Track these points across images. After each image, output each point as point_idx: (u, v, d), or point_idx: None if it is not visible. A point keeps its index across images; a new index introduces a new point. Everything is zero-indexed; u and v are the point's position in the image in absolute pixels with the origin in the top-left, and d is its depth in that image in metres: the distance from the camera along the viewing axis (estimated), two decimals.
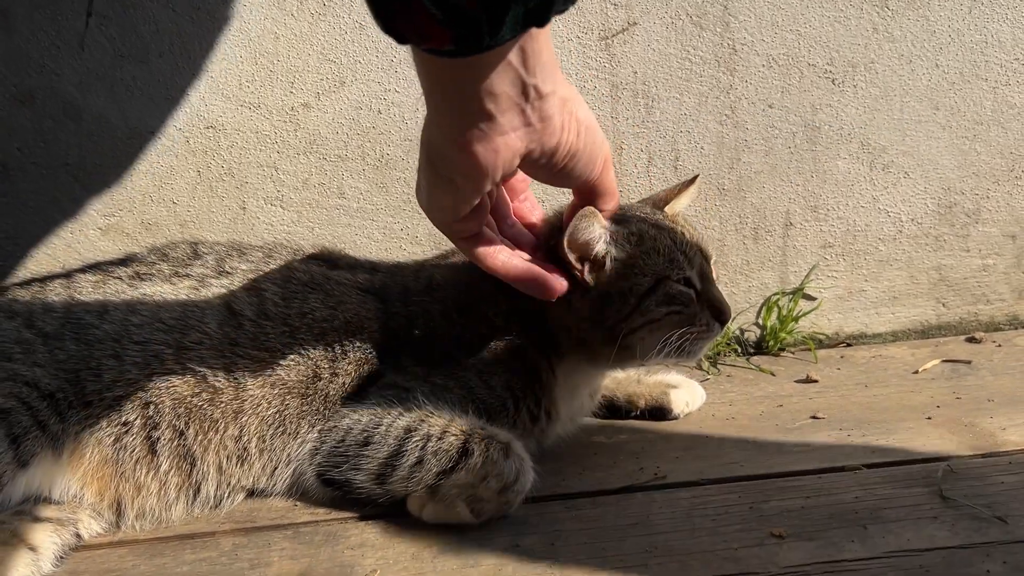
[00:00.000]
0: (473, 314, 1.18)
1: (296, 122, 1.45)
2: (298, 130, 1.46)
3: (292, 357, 1.13)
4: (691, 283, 1.14)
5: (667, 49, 1.50)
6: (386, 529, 1.04)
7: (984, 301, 1.64)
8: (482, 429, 1.05)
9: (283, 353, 1.13)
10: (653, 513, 1.05)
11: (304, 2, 1.42)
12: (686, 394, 1.33)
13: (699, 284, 1.15)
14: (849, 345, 1.62)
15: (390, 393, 1.13)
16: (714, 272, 1.21)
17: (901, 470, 1.11)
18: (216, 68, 1.42)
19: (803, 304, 1.60)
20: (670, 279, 1.13)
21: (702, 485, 1.11)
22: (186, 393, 1.09)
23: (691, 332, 1.12)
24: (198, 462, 1.09)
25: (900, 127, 1.56)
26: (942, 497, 1.04)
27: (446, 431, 1.04)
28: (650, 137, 1.53)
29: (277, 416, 1.11)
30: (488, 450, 1.02)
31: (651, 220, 1.17)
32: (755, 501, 1.06)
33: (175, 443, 1.08)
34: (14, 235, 1.43)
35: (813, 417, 1.30)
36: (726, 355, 1.57)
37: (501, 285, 1.17)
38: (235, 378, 1.10)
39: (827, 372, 1.49)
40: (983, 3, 1.52)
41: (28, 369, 1.07)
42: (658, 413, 1.32)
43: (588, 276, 1.11)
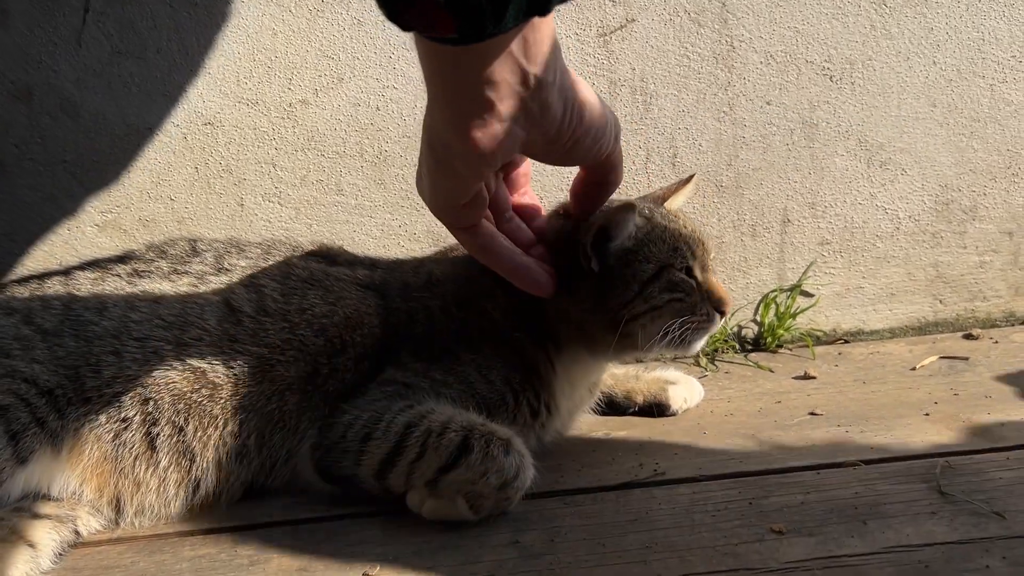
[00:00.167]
0: (472, 309, 1.19)
1: (294, 118, 1.45)
2: (296, 127, 1.46)
3: (291, 353, 1.13)
4: (692, 273, 1.16)
5: (665, 46, 1.50)
6: (386, 525, 1.04)
7: (981, 298, 1.65)
8: (482, 425, 1.05)
9: (282, 349, 1.13)
10: (653, 509, 1.05)
11: None
12: (684, 390, 1.34)
13: (700, 275, 1.17)
14: (847, 342, 1.62)
15: (390, 389, 1.13)
16: (714, 266, 1.22)
17: (900, 466, 1.11)
18: (214, 64, 1.42)
19: (801, 301, 1.61)
20: (673, 267, 1.14)
21: (701, 481, 1.11)
22: (185, 389, 1.09)
23: (692, 321, 1.14)
24: (197, 458, 1.09)
25: (898, 124, 1.56)
26: (941, 493, 1.04)
27: (446, 427, 1.04)
28: (648, 134, 1.53)
29: (277, 412, 1.11)
30: (488, 446, 1.02)
31: (655, 211, 1.19)
32: (754, 497, 1.06)
33: (174, 439, 1.08)
34: (11, 232, 1.43)
35: (811, 413, 1.30)
36: (724, 352, 1.57)
37: (500, 280, 1.17)
38: (234, 374, 1.10)
39: (825, 369, 1.49)
40: (980, 0, 1.52)
41: (27, 365, 1.07)
42: (657, 409, 1.33)
43: (595, 264, 1.12)
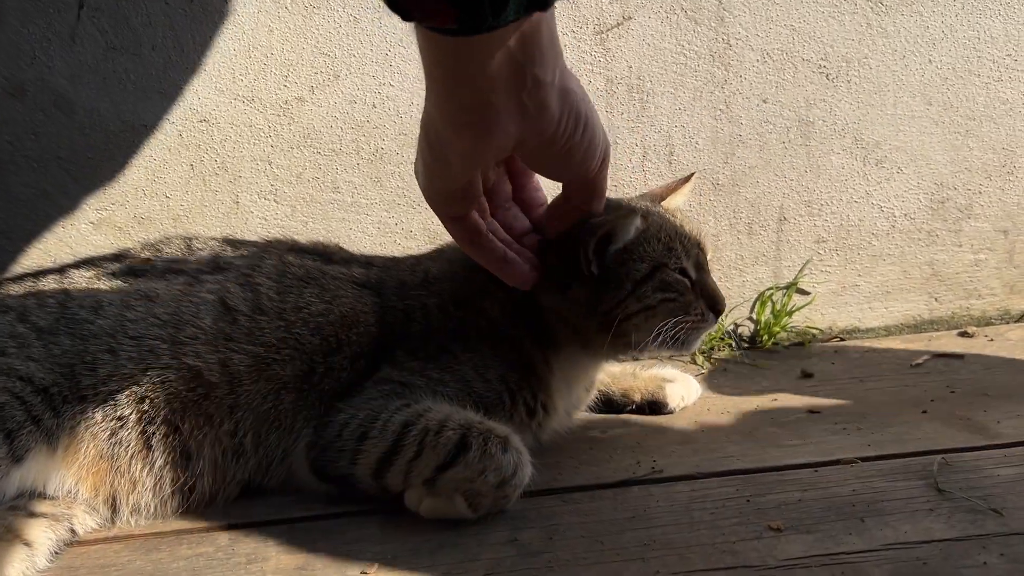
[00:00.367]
0: (470, 307, 1.18)
1: (290, 116, 1.45)
2: (292, 124, 1.45)
3: (287, 352, 1.12)
4: (687, 273, 1.15)
5: (662, 44, 1.50)
6: (384, 524, 1.04)
7: (976, 296, 1.65)
8: (480, 423, 1.05)
9: (278, 348, 1.12)
10: (651, 507, 1.05)
11: None
12: (681, 388, 1.33)
13: (695, 274, 1.16)
14: (842, 340, 1.63)
15: (386, 388, 1.13)
16: (709, 264, 1.21)
17: (897, 463, 1.12)
18: (209, 61, 1.41)
19: (797, 299, 1.61)
20: (667, 267, 1.13)
21: (699, 479, 1.11)
22: (181, 388, 1.08)
23: (686, 321, 1.13)
24: (193, 457, 1.08)
25: (893, 122, 1.57)
26: (938, 490, 1.04)
27: (444, 425, 1.04)
28: (644, 132, 1.53)
29: (272, 411, 1.11)
30: (486, 444, 1.02)
31: (652, 210, 1.19)
32: (752, 494, 1.06)
33: (170, 438, 1.07)
34: (5, 230, 1.42)
35: (809, 411, 1.30)
36: (720, 349, 1.57)
37: (497, 278, 1.18)
38: (230, 373, 1.10)
39: (821, 366, 1.49)
40: None
41: (22, 363, 1.06)
42: (654, 407, 1.32)
43: (594, 267, 1.11)
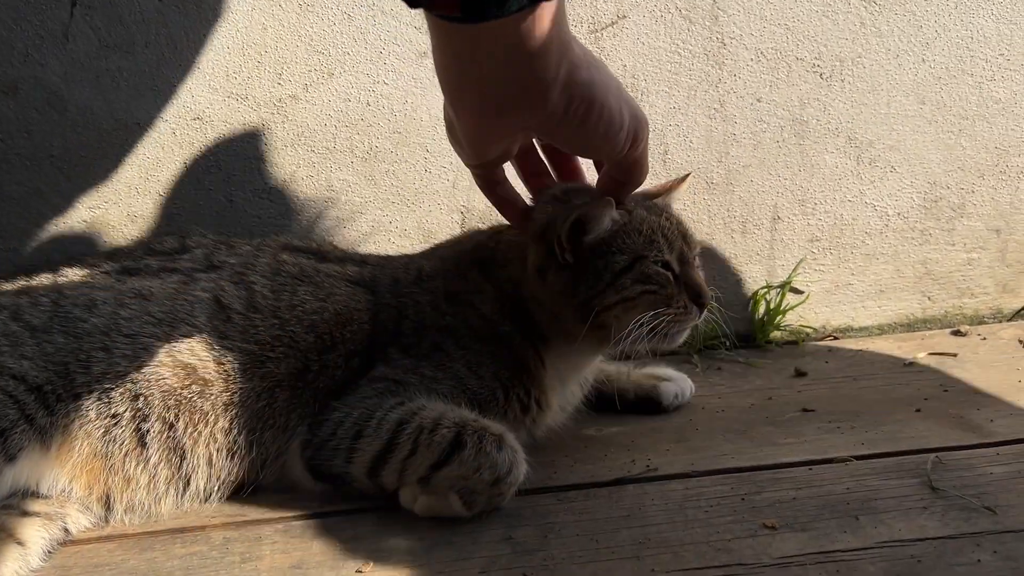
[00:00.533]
0: (462, 304, 1.18)
1: (284, 114, 1.44)
2: (286, 122, 1.45)
3: (281, 350, 1.12)
4: (670, 266, 1.14)
5: (656, 43, 1.50)
6: (379, 522, 1.04)
7: (969, 295, 1.66)
8: (475, 421, 1.05)
9: (272, 346, 1.12)
10: (646, 505, 1.05)
11: None
12: (676, 387, 1.34)
13: (678, 268, 1.14)
14: (836, 338, 1.63)
15: (380, 386, 1.13)
16: (698, 261, 1.20)
17: (891, 461, 1.12)
18: (203, 59, 1.41)
19: (791, 298, 1.61)
20: (647, 259, 1.12)
21: (694, 477, 1.11)
22: (175, 386, 1.08)
23: (667, 313, 1.11)
24: (188, 455, 1.08)
25: (887, 122, 1.57)
26: (932, 488, 1.05)
27: (438, 423, 1.04)
28: None
29: (267, 409, 1.10)
30: (481, 442, 1.02)
31: (639, 204, 1.17)
32: (747, 492, 1.07)
33: (165, 436, 1.07)
34: None
35: (803, 409, 1.31)
36: (715, 348, 1.57)
37: (489, 276, 1.19)
38: (224, 371, 1.09)
39: (815, 365, 1.49)
40: None
41: (15, 362, 1.05)
42: (648, 406, 1.32)
43: (568, 255, 1.11)
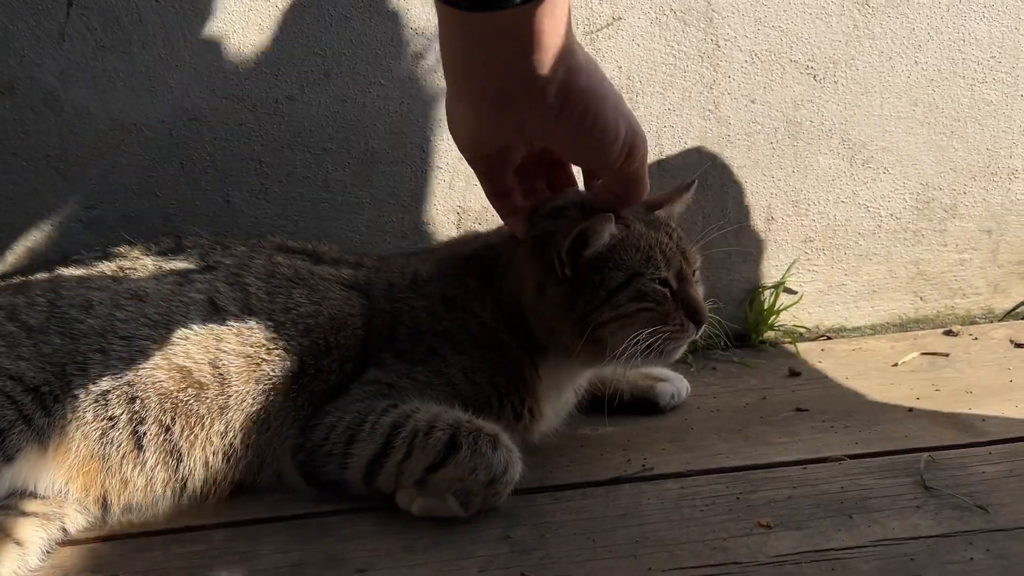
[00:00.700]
0: (459, 309, 1.18)
1: (281, 114, 1.44)
2: (283, 123, 1.45)
3: (277, 353, 1.12)
4: (667, 283, 1.13)
5: (651, 44, 1.51)
6: (378, 521, 1.04)
7: (961, 295, 1.67)
8: (469, 422, 1.05)
9: (268, 349, 1.12)
10: (642, 504, 1.06)
11: None
12: (672, 387, 1.34)
13: (676, 285, 1.14)
14: (829, 338, 1.64)
15: (372, 389, 1.13)
16: (697, 275, 1.20)
17: (884, 461, 1.13)
18: (200, 60, 1.41)
19: (784, 298, 1.62)
20: (644, 276, 1.11)
21: (689, 476, 1.12)
22: (172, 388, 1.08)
23: (663, 331, 1.10)
24: (184, 457, 1.08)
25: (880, 123, 1.58)
26: (925, 487, 1.06)
27: (433, 426, 1.04)
28: None
29: (262, 412, 1.10)
30: (476, 443, 1.02)
31: (638, 218, 1.17)
32: (742, 491, 1.08)
33: (161, 438, 1.07)
34: None
35: (797, 409, 1.32)
36: (709, 348, 1.58)
37: (488, 282, 1.19)
38: (220, 373, 1.10)
39: (809, 365, 1.51)
40: (961, 2, 1.54)
41: (12, 363, 1.05)
42: (644, 406, 1.33)
43: (568, 270, 1.11)
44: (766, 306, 1.60)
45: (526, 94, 0.87)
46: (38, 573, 0.97)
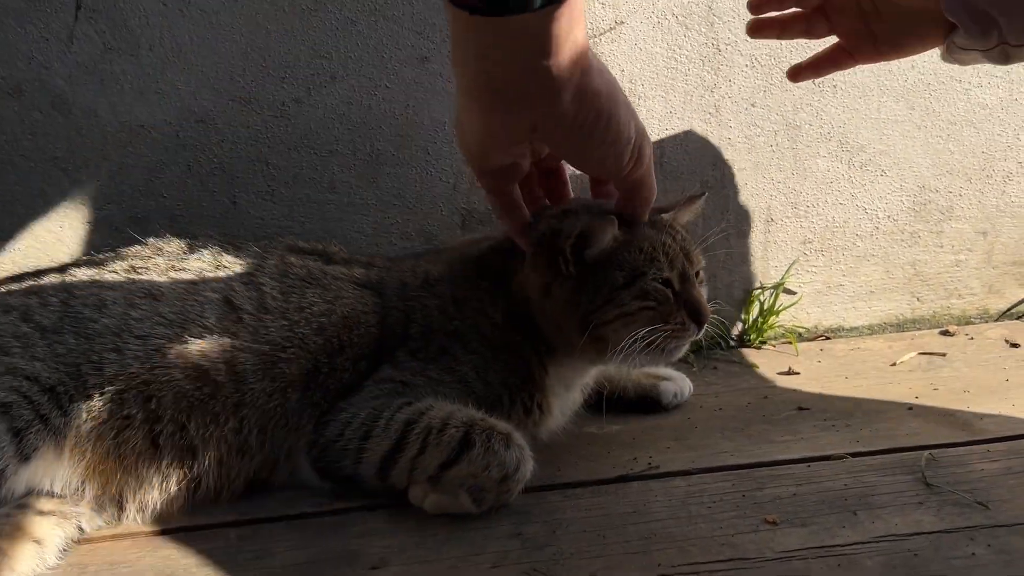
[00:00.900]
0: (470, 309, 1.20)
1: (287, 117, 1.46)
2: (289, 125, 1.46)
3: (292, 351, 1.14)
4: (670, 284, 1.15)
5: (653, 48, 1.53)
6: (391, 518, 1.06)
7: (956, 295, 1.70)
8: (482, 420, 1.07)
9: (283, 347, 1.13)
10: (650, 501, 1.08)
11: None
12: (675, 386, 1.36)
13: (679, 285, 1.15)
14: (828, 338, 1.66)
15: (387, 387, 1.14)
16: (702, 276, 1.22)
17: (886, 459, 1.15)
18: (207, 62, 1.42)
19: (783, 298, 1.64)
20: (646, 276, 1.13)
21: (695, 474, 1.14)
22: (188, 387, 1.09)
23: (664, 329, 1.12)
24: (199, 455, 1.09)
25: (877, 126, 1.60)
26: (926, 484, 1.08)
27: (447, 423, 1.06)
28: None
29: (278, 409, 1.12)
30: (489, 441, 1.04)
31: (640, 221, 1.19)
32: (747, 489, 1.09)
33: (177, 437, 1.08)
34: (1, 229, 1.41)
35: (798, 408, 1.34)
36: (710, 348, 1.60)
37: (498, 282, 1.21)
38: (236, 372, 1.11)
39: (808, 364, 1.53)
40: None
41: (27, 363, 1.06)
42: (648, 404, 1.35)
43: (572, 268, 1.13)
44: (766, 306, 1.62)
45: (541, 96, 0.87)
46: (56, 571, 0.98)
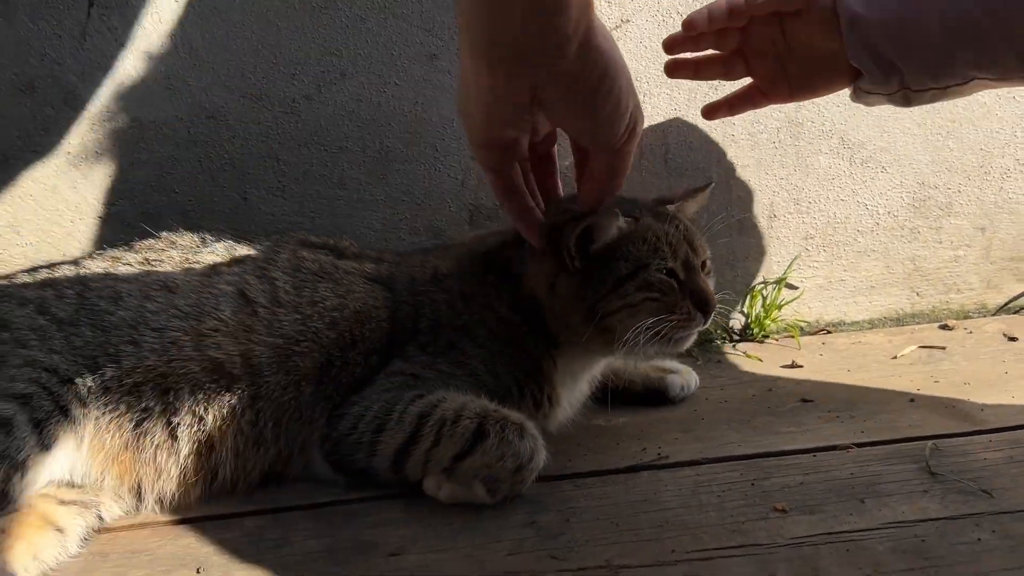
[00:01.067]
0: (477, 304, 1.22)
1: (297, 113, 1.47)
2: (299, 121, 1.48)
3: (306, 344, 1.15)
4: (674, 274, 1.17)
5: (658, 46, 1.53)
6: (406, 507, 1.08)
7: (955, 290, 1.72)
8: (495, 411, 1.08)
9: (297, 340, 1.15)
10: (660, 491, 1.10)
11: None
12: (681, 379, 1.38)
13: (683, 275, 1.18)
14: (829, 332, 1.69)
15: (398, 380, 1.16)
16: (708, 266, 1.24)
17: (891, 448, 1.17)
18: (218, 59, 1.43)
19: (786, 293, 1.66)
20: (650, 267, 1.15)
21: (704, 464, 1.16)
22: (205, 380, 1.10)
23: (670, 319, 1.14)
24: (216, 446, 1.10)
25: (878, 124, 1.63)
26: (931, 473, 1.10)
27: (460, 415, 1.07)
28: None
29: (293, 402, 1.13)
30: (503, 431, 1.05)
31: (649, 211, 1.22)
32: (756, 478, 1.11)
33: (194, 428, 1.09)
34: (15, 224, 1.43)
35: (802, 400, 1.36)
36: (714, 342, 1.62)
37: (505, 276, 1.22)
38: (252, 365, 1.12)
39: (811, 358, 1.55)
40: None
41: (45, 355, 1.08)
42: (655, 397, 1.37)
43: (577, 262, 1.15)
44: (768, 301, 1.65)
45: (547, 51, 0.87)
46: (78, 559, 1.00)
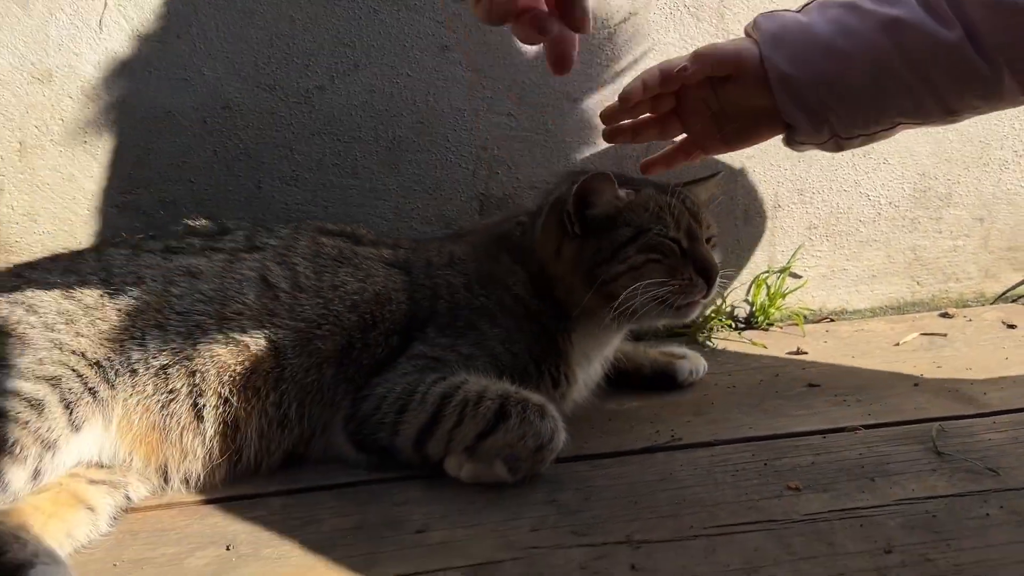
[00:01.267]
0: (494, 285, 1.25)
1: (311, 104, 1.49)
2: (313, 112, 1.49)
3: (327, 328, 1.17)
4: (677, 241, 1.20)
5: (665, 38, 1.57)
6: (428, 486, 1.10)
7: (954, 279, 1.76)
8: (516, 392, 1.11)
9: (319, 323, 1.17)
10: (676, 470, 1.13)
11: None
12: (690, 364, 1.41)
13: (686, 243, 1.21)
14: (832, 320, 1.72)
15: (420, 363, 1.18)
16: (714, 241, 1.28)
17: (898, 430, 1.21)
18: (232, 49, 1.45)
19: (790, 282, 1.69)
20: (652, 231, 1.19)
21: (717, 445, 1.19)
22: (230, 362, 1.12)
23: (671, 283, 1.17)
24: (241, 427, 1.12)
25: None
26: (938, 453, 1.13)
27: (482, 396, 1.10)
28: None
29: (315, 383, 1.16)
30: (525, 412, 1.08)
31: (649, 183, 1.27)
32: (768, 459, 1.14)
33: (220, 410, 1.11)
34: (32, 212, 1.44)
35: (809, 385, 1.39)
36: (719, 330, 1.65)
37: (520, 258, 1.25)
38: (275, 347, 1.14)
39: (815, 345, 1.58)
40: None
41: (72, 339, 1.10)
42: (664, 381, 1.40)
43: (577, 228, 1.20)
44: (773, 290, 1.67)
45: None
46: (108, 537, 1.02)
